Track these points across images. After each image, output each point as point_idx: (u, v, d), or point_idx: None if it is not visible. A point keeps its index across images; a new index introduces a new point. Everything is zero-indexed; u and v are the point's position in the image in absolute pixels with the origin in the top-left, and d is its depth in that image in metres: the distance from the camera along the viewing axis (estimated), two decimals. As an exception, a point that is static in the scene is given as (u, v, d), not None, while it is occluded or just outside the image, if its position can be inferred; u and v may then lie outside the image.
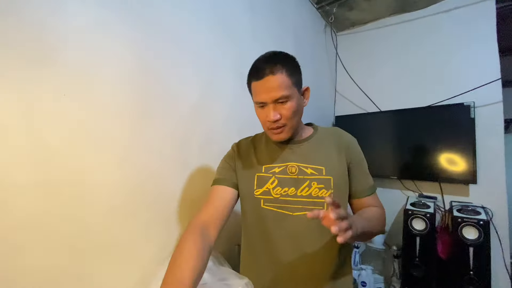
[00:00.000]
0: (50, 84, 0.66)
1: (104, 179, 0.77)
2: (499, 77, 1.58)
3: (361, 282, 1.63)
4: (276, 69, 0.70)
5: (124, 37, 0.83)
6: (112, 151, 0.79)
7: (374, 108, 2.06)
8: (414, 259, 1.46)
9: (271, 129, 0.76)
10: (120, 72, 0.82)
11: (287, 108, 0.72)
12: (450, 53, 1.80)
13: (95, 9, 0.76)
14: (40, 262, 0.64)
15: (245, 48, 1.34)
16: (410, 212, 1.51)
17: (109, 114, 0.79)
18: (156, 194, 0.90)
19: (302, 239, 0.76)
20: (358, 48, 2.24)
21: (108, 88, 0.79)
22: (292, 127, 0.77)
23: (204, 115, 1.10)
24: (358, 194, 0.80)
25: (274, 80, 0.70)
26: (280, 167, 0.80)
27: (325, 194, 0.75)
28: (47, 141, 0.65)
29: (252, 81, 0.74)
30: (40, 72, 0.64)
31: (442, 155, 1.66)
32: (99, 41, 0.77)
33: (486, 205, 1.53)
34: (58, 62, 0.68)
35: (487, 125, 1.60)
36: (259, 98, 0.73)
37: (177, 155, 0.99)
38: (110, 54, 0.80)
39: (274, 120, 0.73)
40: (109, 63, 0.79)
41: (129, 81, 0.84)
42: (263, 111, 0.75)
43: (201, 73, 1.10)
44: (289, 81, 0.72)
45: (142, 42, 0.88)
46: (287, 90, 0.71)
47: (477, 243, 1.31)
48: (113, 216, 0.78)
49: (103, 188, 0.76)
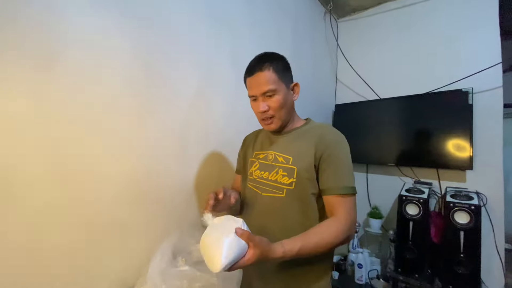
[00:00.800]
0: (56, 84, 0.75)
1: (109, 169, 0.87)
2: (500, 61, 1.55)
3: (358, 264, 1.71)
4: (264, 66, 0.83)
5: (123, 36, 0.90)
6: (116, 143, 0.89)
7: (374, 95, 2.07)
8: (407, 242, 1.51)
9: (262, 120, 0.89)
10: (121, 70, 0.90)
11: (274, 101, 0.84)
12: (451, 38, 1.77)
13: (94, 10, 0.83)
14: (57, 241, 0.75)
15: (242, 39, 1.37)
16: (404, 198, 1.56)
17: (112, 110, 0.88)
18: (157, 182, 1.00)
19: (267, 217, 0.86)
20: (358, 35, 2.22)
21: (110, 86, 0.87)
22: (280, 118, 0.87)
23: (202, 108, 1.17)
24: (325, 191, 0.81)
25: (262, 75, 0.82)
26: (264, 153, 0.94)
27: (286, 181, 0.84)
28: (57, 136, 0.75)
29: (246, 77, 0.88)
30: (46, 73, 0.73)
31: (439, 141, 1.68)
32: (100, 42, 0.85)
33: (482, 190, 1.55)
34: (63, 63, 0.76)
35: (486, 111, 1.59)
36: (251, 92, 0.87)
37: (177, 147, 1.07)
38: (110, 53, 0.87)
39: (263, 111, 0.85)
40: (110, 62, 0.87)
41: (130, 79, 0.92)
42: (255, 104, 0.87)
43: (199, 67, 1.16)
44: (276, 77, 0.83)
45: (141, 40, 0.95)
46: (273, 85, 0.83)
47: (467, 227, 1.35)
48: (118, 202, 0.89)
49: (108, 177, 0.87)
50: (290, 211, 0.84)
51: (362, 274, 1.68)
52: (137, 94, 0.94)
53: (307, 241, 0.70)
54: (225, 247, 0.57)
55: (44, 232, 0.73)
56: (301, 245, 0.68)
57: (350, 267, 1.78)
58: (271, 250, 0.64)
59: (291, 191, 0.83)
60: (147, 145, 0.97)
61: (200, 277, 0.74)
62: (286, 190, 0.83)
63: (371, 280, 1.67)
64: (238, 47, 1.34)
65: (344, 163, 0.82)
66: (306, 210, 0.84)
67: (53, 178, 0.74)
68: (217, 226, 0.63)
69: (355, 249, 1.83)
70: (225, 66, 1.29)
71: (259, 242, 0.62)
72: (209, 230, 0.63)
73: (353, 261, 1.76)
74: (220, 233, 0.60)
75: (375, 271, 1.71)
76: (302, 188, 0.83)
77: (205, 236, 0.62)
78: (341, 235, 0.74)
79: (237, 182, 1.06)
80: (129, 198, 0.92)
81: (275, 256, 0.64)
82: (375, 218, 1.89)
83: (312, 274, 0.86)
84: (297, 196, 0.83)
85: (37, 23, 0.71)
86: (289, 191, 0.83)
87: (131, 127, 0.93)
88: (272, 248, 0.64)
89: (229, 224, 0.62)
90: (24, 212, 0.69)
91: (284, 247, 0.66)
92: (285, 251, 0.66)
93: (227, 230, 0.60)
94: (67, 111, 0.77)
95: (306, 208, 0.84)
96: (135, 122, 0.94)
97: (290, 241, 0.68)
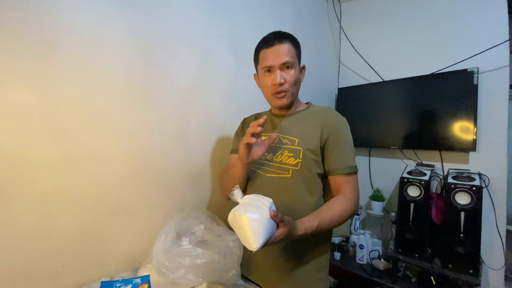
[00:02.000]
0: (56, 73, 0.77)
1: (113, 153, 0.90)
2: (507, 39, 1.51)
3: (359, 245, 1.74)
4: (285, 40, 0.85)
5: (121, 24, 0.91)
6: (118, 129, 0.91)
7: (378, 78, 2.03)
8: (408, 223, 1.54)
9: (275, 94, 0.87)
10: (120, 57, 0.91)
11: (291, 75, 0.85)
12: (456, 16, 1.71)
13: (90, 1, 0.84)
14: (66, 221, 0.79)
15: (240, 23, 1.35)
16: (406, 180, 1.56)
17: (113, 96, 0.90)
18: (159, 166, 1.03)
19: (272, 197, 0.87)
20: (362, 16, 2.16)
21: (111, 74, 0.89)
22: (292, 94, 0.89)
23: (201, 93, 1.18)
24: (332, 172, 0.85)
25: (283, 47, 0.84)
26: (267, 135, 0.92)
27: (292, 162, 0.85)
28: (62, 123, 0.78)
29: (262, 49, 0.87)
30: (46, 62, 0.75)
31: (443, 123, 1.66)
32: (99, 30, 0.86)
33: (485, 172, 1.55)
34: (63, 52, 0.78)
35: (491, 92, 1.56)
36: (268, 63, 0.85)
37: (177, 131, 1.10)
38: (110, 41, 0.88)
39: (280, 83, 0.84)
40: (109, 50, 0.88)
41: (129, 65, 0.94)
42: (269, 76, 0.87)
43: (196, 52, 1.16)
44: (294, 51, 0.86)
45: (139, 28, 0.96)
46: (292, 58, 0.85)
47: (468, 208, 1.36)
48: (123, 185, 0.93)
49: (113, 161, 0.90)
50: (297, 190, 0.86)
51: (364, 255, 1.72)
52: (136, 81, 0.96)
53: (323, 217, 0.75)
54: (261, 227, 0.60)
55: (53, 215, 0.77)
56: (319, 222, 0.74)
57: (352, 248, 1.82)
58: (295, 228, 0.69)
59: (297, 171, 0.85)
60: (149, 130, 0.99)
61: (203, 254, 0.77)
62: (292, 171, 0.86)
63: (372, 260, 1.71)
64: (236, 31, 1.33)
65: (348, 144, 0.87)
66: (312, 188, 0.87)
67: (59, 163, 0.77)
68: (248, 204, 0.64)
69: (357, 230, 1.86)
70: (223, 50, 1.28)
71: (288, 222, 0.66)
72: (241, 207, 0.64)
73: (354, 242, 1.80)
74: (255, 211, 0.62)
75: (377, 251, 1.75)
76: (308, 168, 0.85)
77: (237, 213, 0.63)
78: (350, 210, 0.81)
79: (232, 162, 1.06)
80: (134, 181, 0.96)
81: (299, 233, 0.69)
82: (377, 201, 1.91)
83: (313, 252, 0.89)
84: (303, 176, 0.86)
85: (35, 11, 0.72)
86: (295, 171, 0.86)
87: (132, 114, 0.95)
88: (296, 226, 0.69)
89: (261, 203, 0.64)
90: (34, 196, 0.73)
91: (305, 225, 0.71)
92: (306, 228, 0.71)
93: (260, 209, 0.62)
94: (70, 99, 0.79)
95: (312, 186, 0.87)
96: (136, 108, 0.96)
97: (308, 218, 0.74)
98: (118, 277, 0.86)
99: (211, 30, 1.22)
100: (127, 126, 0.94)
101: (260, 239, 0.60)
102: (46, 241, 0.76)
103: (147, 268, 0.84)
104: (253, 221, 0.60)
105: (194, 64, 1.15)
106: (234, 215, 0.64)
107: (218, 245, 0.83)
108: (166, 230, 0.85)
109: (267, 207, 0.63)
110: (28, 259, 0.73)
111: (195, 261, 0.75)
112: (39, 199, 0.74)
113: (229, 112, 1.29)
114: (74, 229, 0.81)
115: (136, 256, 0.95)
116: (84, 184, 0.83)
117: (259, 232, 0.60)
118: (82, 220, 0.83)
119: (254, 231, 0.60)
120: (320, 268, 0.91)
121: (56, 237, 0.77)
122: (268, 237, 0.62)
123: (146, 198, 0.99)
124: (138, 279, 0.70)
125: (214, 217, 1.02)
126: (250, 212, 0.61)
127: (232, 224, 0.65)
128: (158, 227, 0.88)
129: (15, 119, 0.70)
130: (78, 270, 0.82)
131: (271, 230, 0.63)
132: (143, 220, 0.98)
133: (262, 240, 0.60)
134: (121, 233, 0.93)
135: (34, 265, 0.74)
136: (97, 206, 0.86)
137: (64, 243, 0.79)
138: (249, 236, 0.60)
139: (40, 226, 0.74)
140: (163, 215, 1.03)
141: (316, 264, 0.89)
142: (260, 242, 0.60)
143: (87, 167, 0.84)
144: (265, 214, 0.62)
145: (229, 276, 0.80)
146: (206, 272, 0.76)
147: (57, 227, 0.78)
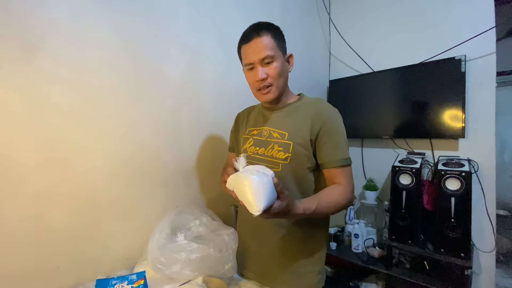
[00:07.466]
0: (41, 73, 0.75)
1: (103, 152, 0.89)
2: (493, 26, 1.53)
3: (354, 234, 1.77)
4: (262, 32, 0.81)
5: (106, 21, 0.89)
6: (107, 128, 0.90)
7: (368, 69, 2.04)
8: (400, 211, 1.56)
9: (259, 90, 0.85)
10: (106, 55, 0.90)
11: (273, 68, 0.82)
12: (443, 4, 1.72)
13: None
14: (59, 222, 0.79)
15: (227, 17, 1.34)
16: (398, 169, 1.59)
17: (101, 95, 0.88)
18: (151, 164, 1.03)
19: None
20: (351, 7, 2.16)
21: (97, 71, 0.87)
22: (278, 87, 0.85)
23: (191, 89, 1.17)
24: (326, 164, 0.83)
25: (261, 41, 0.81)
26: (258, 130, 0.93)
27: (282, 156, 0.85)
28: (50, 123, 0.77)
29: (242, 46, 0.85)
30: (30, 62, 0.73)
31: (432, 111, 1.68)
32: (83, 27, 0.84)
33: (474, 158, 1.58)
34: (46, 52, 0.76)
35: (479, 79, 1.59)
36: (248, 60, 0.83)
37: (168, 128, 1.09)
38: (95, 39, 0.87)
39: (262, 79, 0.82)
40: (95, 47, 0.87)
41: (116, 62, 0.92)
42: (252, 73, 0.85)
43: (185, 47, 1.15)
44: (274, 43, 0.82)
45: (125, 25, 0.94)
46: (272, 51, 0.81)
47: (458, 193, 1.39)
48: (114, 183, 0.92)
49: (103, 160, 0.89)
50: (287, 185, 0.85)
51: (359, 243, 1.75)
52: (124, 79, 0.95)
53: (321, 201, 0.75)
54: (263, 190, 0.60)
55: (46, 216, 0.76)
56: (317, 204, 0.73)
57: (347, 237, 1.85)
58: (294, 206, 0.68)
59: (286, 165, 0.85)
60: (139, 129, 0.99)
61: (198, 249, 0.78)
62: (282, 165, 0.85)
63: (367, 248, 1.74)
64: (225, 25, 1.31)
65: (341, 136, 0.84)
66: (302, 183, 0.86)
67: (49, 164, 0.76)
68: (251, 170, 0.64)
69: (352, 220, 1.89)
70: (213, 46, 1.27)
71: (287, 196, 0.65)
72: (244, 172, 0.64)
73: (350, 232, 1.83)
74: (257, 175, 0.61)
75: (371, 240, 1.78)
76: (298, 163, 0.85)
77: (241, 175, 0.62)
78: (346, 199, 0.81)
79: (230, 160, 1.07)
80: (126, 180, 0.95)
81: (297, 212, 0.69)
82: (370, 190, 1.94)
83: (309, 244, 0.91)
84: (292, 170, 0.85)
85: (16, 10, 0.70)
86: (285, 165, 0.85)
87: (121, 112, 0.94)
88: (295, 204, 0.68)
89: (265, 170, 0.64)
90: (25, 198, 0.72)
91: (304, 205, 0.71)
92: (305, 208, 0.70)
93: (263, 175, 0.62)
94: (56, 98, 0.78)
95: (301, 181, 0.86)
96: (124, 107, 0.95)
97: (308, 200, 0.74)
98: (114, 276, 0.86)
99: (199, 25, 1.21)
100: (116, 124, 0.92)
101: (263, 202, 0.59)
102: (40, 243, 0.75)
103: (142, 265, 0.84)
104: (257, 183, 0.60)
105: (183, 60, 1.14)
106: (237, 177, 0.63)
107: (213, 239, 0.84)
108: (160, 227, 0.85)
109: (270, 174, 0.63)
110: (22, 262, 0.72)
111: (190, 256, 0.75)
112: (31, 201, 0.73)
113: (220, 107, 1.29)
114: (68, 230, 0.81)
115: (132, 254, 0.95)
116: (76, 184, 0.82)
117: (262, 195, 0.59)
118: (76, 221, 0.82)
119: (257, 192, 0.59)
120: (317, 260, 0.91)
121: (50, 238, 0.77)
122: (269, 204, 0.61)
123: (139, 196, 0.99)
124: (133, 276, 0.70)
125: (209, 212, 1.02)
126: (253, 175, 0.61)
127: (234, 187, 0.64)
128: (153, 224, 0.88)
129: (0, 121, 0.68)
130: (73, 271, 0.82)
131: (273, 197, 0.62)
132: (137, 218, 0.98)
133: (265, 203, 0.59)
134: (116, 232, 0.93)
135: (29, 267, 0.73)
136: (90, 206, 0.86)
137: (58, 244, 0.79)
138: (251, 199, 0.59)
139: (34, 228, 0.74)
140: (157, 212, 1.03)
141: (313, 256, 0.90)
142: (262, 205, 0.59)
143: (78, 167, 0.83)
144: (268, 179, 0.62)
145: (225, 270, 0.80)
146: (202, 266, 0.77)
147: (50, 229, 0.77)
